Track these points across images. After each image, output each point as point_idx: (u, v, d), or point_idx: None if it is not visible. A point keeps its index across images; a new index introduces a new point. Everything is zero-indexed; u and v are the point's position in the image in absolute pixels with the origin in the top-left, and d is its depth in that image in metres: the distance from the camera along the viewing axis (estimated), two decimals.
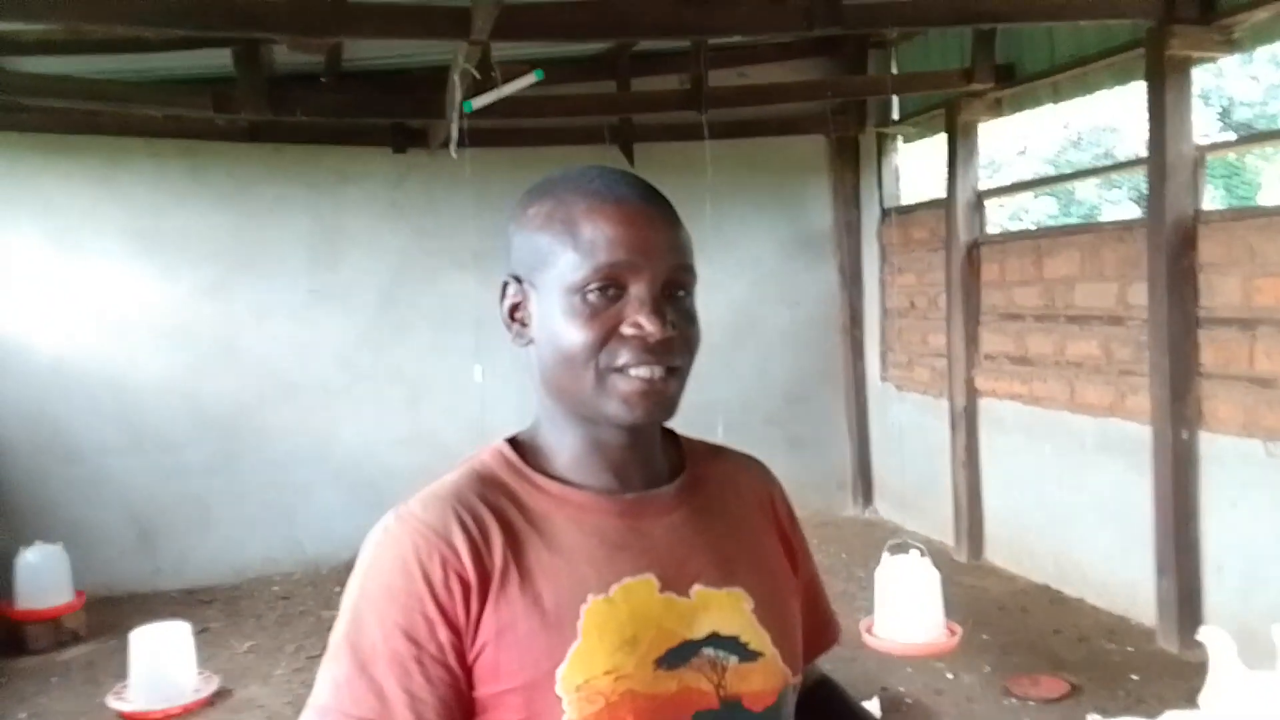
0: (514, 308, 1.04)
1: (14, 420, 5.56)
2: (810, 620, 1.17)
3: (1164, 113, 4.31)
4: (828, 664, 4.08)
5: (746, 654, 1.01)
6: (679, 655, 0.97)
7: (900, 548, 4.08)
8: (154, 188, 5.75)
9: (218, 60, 4.86)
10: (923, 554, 3.99)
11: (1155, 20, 4.26)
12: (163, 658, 4.20)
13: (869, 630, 3.99)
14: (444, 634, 0.93)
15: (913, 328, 6.51)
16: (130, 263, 5.74)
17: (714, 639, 1.00)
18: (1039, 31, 5.21)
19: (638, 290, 0.98)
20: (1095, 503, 4.98)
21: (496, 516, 0.99)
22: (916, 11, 4.67)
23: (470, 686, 0.94)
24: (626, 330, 0.97)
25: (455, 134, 4.61)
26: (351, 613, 0.96)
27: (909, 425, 6.52)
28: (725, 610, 1.02)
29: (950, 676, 4.25)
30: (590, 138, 6.05)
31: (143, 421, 5.76)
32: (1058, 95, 5.28)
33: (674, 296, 1.00)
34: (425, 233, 5.82)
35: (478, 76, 4.30)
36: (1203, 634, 2.25)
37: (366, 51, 5.28)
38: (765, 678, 1.02)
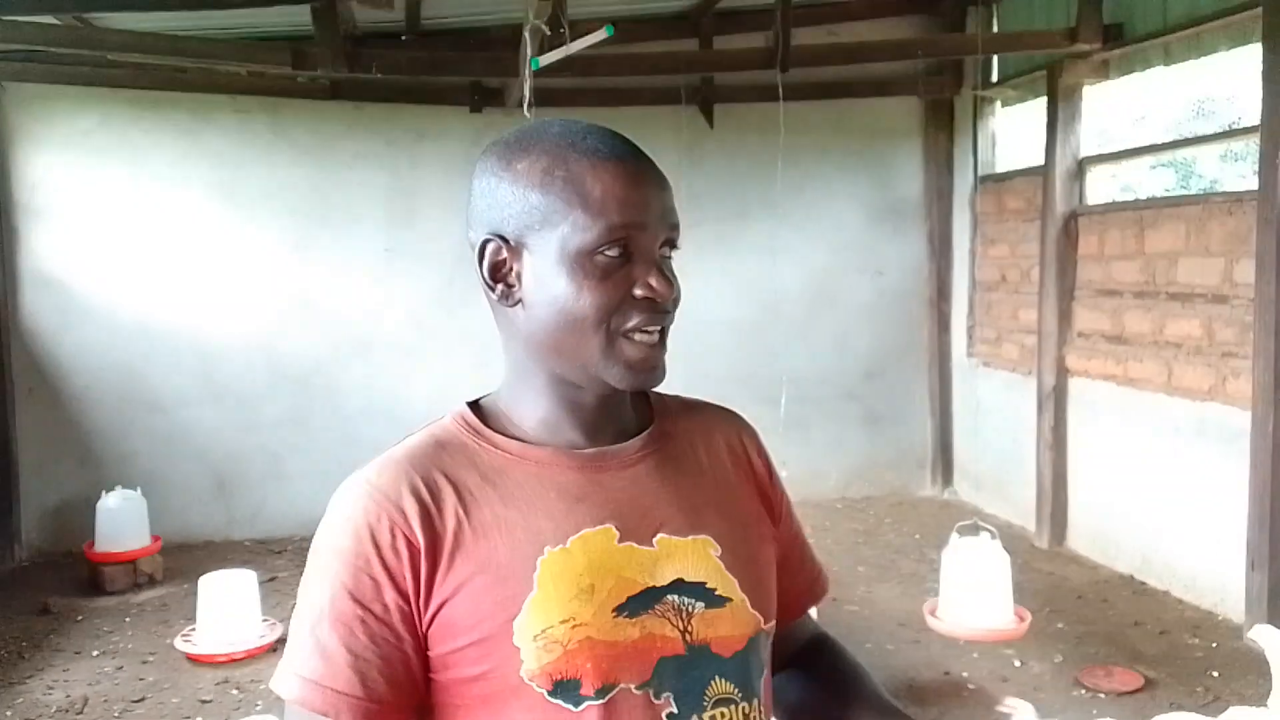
0: (497, 266, 1.01)
1: (101, 369, 5.76)
2: (798, 575, 1.19)
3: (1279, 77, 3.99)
4: (890, 644, 3.95)
5: (714, 599, 1.01)
6: (641, 602, 0.97)
7: (970, 529, 3.93)
8: (238, 143, 5.86)
9: (299, 18, 4.89)
10: (993, 536, 3.83)
11: None
12: (229, 603, 4.31)
13: (932, 613, 3.86)
14: (390, 595, 0.94)
15: (1003, 302, 6.24)
16: (213, 216, 5.87)
17: (679, 585, 1.00)
18: None
19: (644, 251, 0.98)
20: (1189, 492, 4.71)
21: (449, 477, 0.99)
22: None
23: (425, 648, 0.95)
24: (639, 292, 0.97)
25: (527, 93, 4.54)
26: (307, 574, 0.98)
27: (994, 404, 6.27)
28: (691, 557, 1.02)
29: (1019, 664, 4.09)
30: (668, 98, 5.92)
31: (221, 374, 5.90)
32: (1169, 58, 4.95)
33: (667, 255, 1.01)
34: None
35: (548, 33, 4.21)
36: (1255, 633, 2.08)
37: (445, 9, 5.25)
38: (734, 623, 1.02)
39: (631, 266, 0.97)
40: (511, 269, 1.00)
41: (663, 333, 1.00)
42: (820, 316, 6.52)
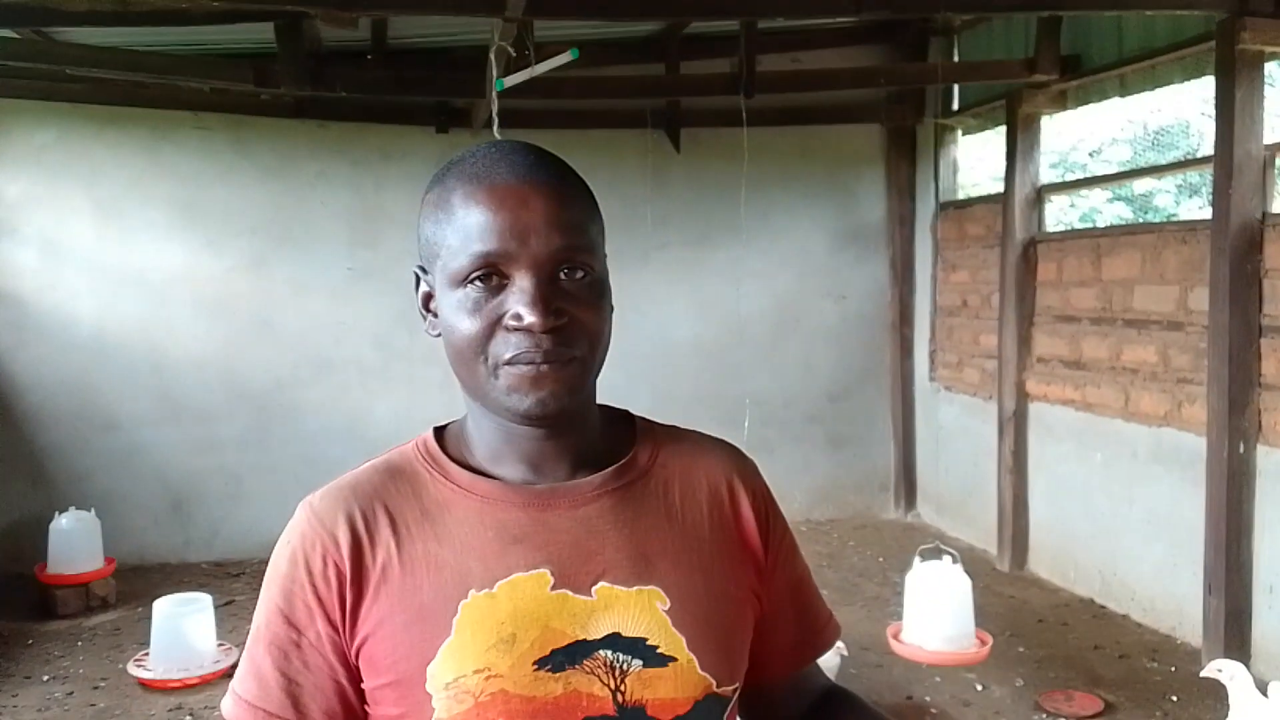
0: (424, 299, 1.01)
1: (55, 388, 5.65)
2: (795, 627, 1.11)
3: (1233, 109, 4.09)
4: (853, 668, 3.91)
5: (654, 658, 0.94)
6: (568, 656, 0.92)
7: (932, 553, 3.94)
8: (199, 160, 5.80)
9: (262, 35, 4.86)
10: (955, 560, 3.85)
11: (1227, 12, 4.04)
12: (183, 628, 4.23)
13: (896, 636, 3.86)
14: (321, 624, 0.94)
15: (964, 327, 6.31)
16: (173, 234, 5.79)
17: (614, 640, 0.94)
18: (1107, 21, 4.99)
19: (519, 278, 0.92)
20: (1146, 516, 4.77)
21: (389, 510, 0.97)
22: None
23: (358, 678, 0.95)
24: (510, 322, 0.92)
25: (494, 114, 4.54)
26: (262, 591, 0.99)
27: (956, 428, 6.33)
28: (632, 610, 0.95)
29: (980, 688, 4.10)
30: (634, 121, 5.95)
31: (179, 393, 5.81)
32: (1124, 89, 5.06)
33: (567, 279, 0.93)
34: None
35: (514, 55, 4.22)
36: (1216, 666, 2.12)
37: (411, 29, 5.25)
38: (677, 685, 0.94)
39: (506, 295, 0.92)
40: (430, 301, 1.00)
41: (553, 363, 0.92)
42: (784, 340, 6.56)
